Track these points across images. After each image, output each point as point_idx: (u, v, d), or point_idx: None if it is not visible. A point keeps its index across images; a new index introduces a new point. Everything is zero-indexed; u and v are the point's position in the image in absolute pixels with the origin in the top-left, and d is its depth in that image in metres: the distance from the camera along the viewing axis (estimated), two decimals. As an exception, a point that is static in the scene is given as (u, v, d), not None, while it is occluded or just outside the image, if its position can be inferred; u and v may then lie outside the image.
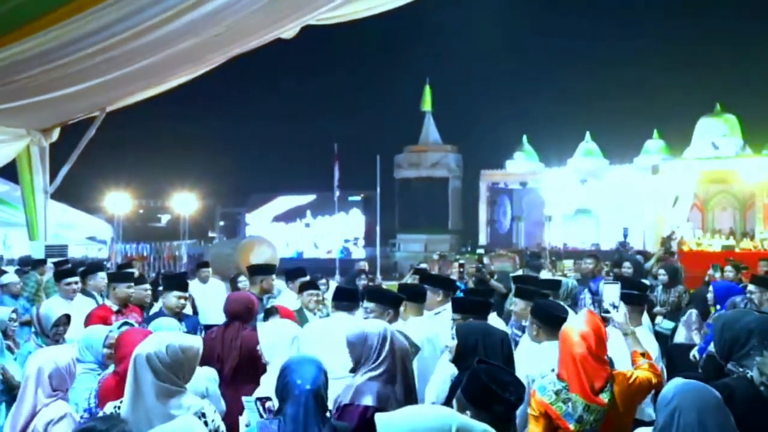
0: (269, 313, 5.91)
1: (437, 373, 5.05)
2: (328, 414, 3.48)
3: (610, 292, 4.64)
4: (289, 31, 11.27)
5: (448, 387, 4.93)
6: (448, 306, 6.07)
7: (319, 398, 3.32)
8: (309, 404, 3.26)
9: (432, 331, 5.75)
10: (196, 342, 3.70)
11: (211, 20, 9.09)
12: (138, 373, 3.43)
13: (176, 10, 8.42)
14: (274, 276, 7.82)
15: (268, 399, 3.65)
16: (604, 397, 3.72)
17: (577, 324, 4.03)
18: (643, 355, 4.15)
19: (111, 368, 4.38)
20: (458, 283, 9.51)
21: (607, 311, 4.51)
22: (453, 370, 4.93)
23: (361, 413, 4.28)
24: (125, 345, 4.20)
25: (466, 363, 4.00)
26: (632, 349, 4.29)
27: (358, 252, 34.44)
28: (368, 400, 4.29)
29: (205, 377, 4.87)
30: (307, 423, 3.23)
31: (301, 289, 7.29)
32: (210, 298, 9.29)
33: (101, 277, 7.55)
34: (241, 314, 5.69)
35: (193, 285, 10.31)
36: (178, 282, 6.69)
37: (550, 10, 28.64)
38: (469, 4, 28.81)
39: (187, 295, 6.62)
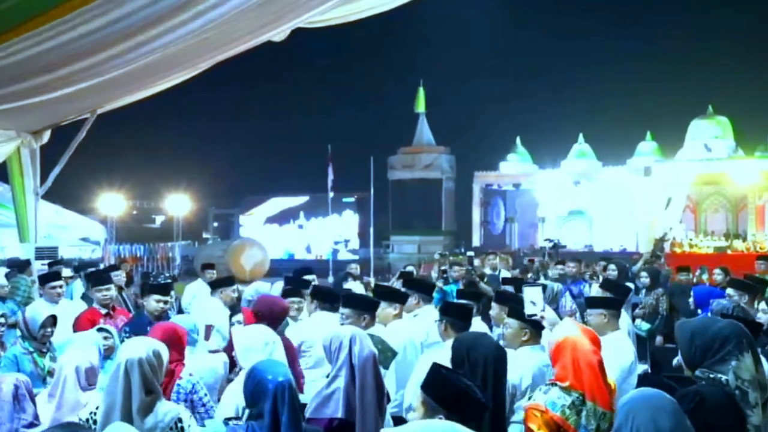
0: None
1: (415, 376, 5.08)
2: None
3: (531, 293, 4.67)
4: (279, 34, 11.30)
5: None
6: (426, 308, 6.12)
7: (293, 391, 3.32)
8: (285, 396, 3.25)
9: (412, 334, 5.79)
10: (165, 348, 3.77)
11: (201, 23, 9.12)
12: (130, 377, 3.45)
13: (167, 12, 8.45)
14: (234, 287, 7.77)
15: (237, 418, 3.66)
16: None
17: (577, 332, 4.05)
18: None
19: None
20: (454, 284, 9.59)
21: (533, 314, 4.52)
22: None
23: (326, 425, 4.34)
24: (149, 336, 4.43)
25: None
26: None
27: (348, 254, 34.41)
28: (333, 411, 4.34)
29: (222, 361, 5.06)
30: (286, 414, 3.23)
31: (284, 296, 7.31)
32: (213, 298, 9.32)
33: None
34: (267, 316, 5.74)
35: (197, 285, 10.36)
36: (158, 288, 6.73)
37: (544, 12, 28.71)
38: (462, 6, 28.83)
39: (167, 298, 6.64)
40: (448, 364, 4.31)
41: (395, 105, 35.87)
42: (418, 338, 5.73)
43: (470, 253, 11.95)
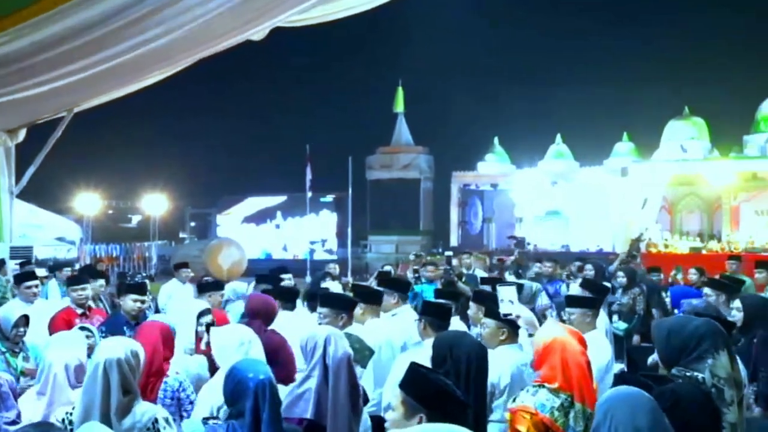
0: (201, 314, 5.87)
1: (392, 375, 5.09)
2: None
3: (506, 293, 4.69)
4: (259, 33, 11.27)
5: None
6: (404, 308, 6.12)
7: (273, 389, 3.32)
8: (266, 394, 3.26)
9: (390, 333, 5.79)
10: (141, 347, 3.76)
11: (180, 21, 9.08)
12: (109, 377, 3.42)
13: (146, 11, 8.42)
14: (222, 292, 7.78)
15: (215, 418, 3.65)
16: None
17: (564, 333, 4.05)
18: None
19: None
20: (427, 284, 9.60)
21: (508, 314, 4.54)
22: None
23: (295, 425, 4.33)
24: (146, 334, 4.54)
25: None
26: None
27: (325, 254, 34.34)
28: (302, 412, 4.34)
29: (198, 364, 5.06)
30: (267, 411, 3.23)
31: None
32: (188, 298, 9.29)
33: (99, 284, 7.67)
34: (262, 313, 5.82)
35: (172, 285, 10.33)
36: (135, 287, 6.70)
37: (522, 13, 28.79)
38: (440, 6, 28.88)
39: (144, 298, 6.61)
40: (427, 363, 4.32)
41: (374, 105, 35.89)
42: (396, 337, 5.74)
43: (448, 253, 11.99)
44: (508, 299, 4.69)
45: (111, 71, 10.51)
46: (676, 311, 7.94)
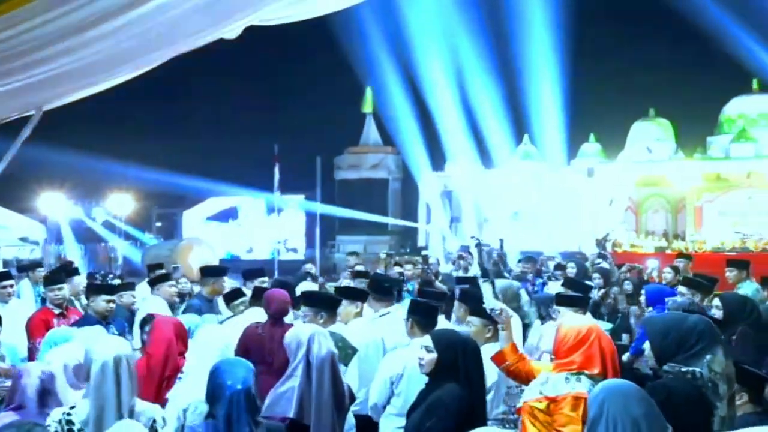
0: (145, 322, 5.74)
1: (379, 375, 5.09)
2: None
3: (486, 289, 4.75)
4: (233, 31, 11.19)
5: (389, 389, 4.98)
6: (393, 308, 6.12)
7: (250, 398, 3.34)
8: (240, 404, 3.27)
9: (375, 333, 5.79)
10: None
11: (152, 19, 8.99)
12: (120, 375, 3.37)
13: (115, 8, 8.31)
14: (225, 278, 7.82)
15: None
16: None
17: (593, 322, 4.26)
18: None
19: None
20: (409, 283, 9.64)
21: (493, 309, 4.59)
22: (394, 372, 4.97)
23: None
24: (158, 330, 4.56)
25: (447, 376, 4.01)
26: (506, 345, 4.42)
27: (289, 254, 34.17)
28: (284, 410, 4.34)
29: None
30: (240, 422, 3.24)
31: (228, 299, 7.29)
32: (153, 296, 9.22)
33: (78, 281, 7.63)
34: (284, 311, 5.85)
35: (145, 286, 10.19)
36: (106, 288, 6.67)
37: (487, 15, 28.89)
38: (409, 8, 28.91)
39: (115, 298, 6.57)
40: (414, 361, 4.33)
41: (342, 105, 35.80)
42: (385, 337, 5.74)
43: (425, 253, 12.07)
44: (492, 295, 4.73)
45: (81, 70, 10.37)
46: (650, 309, 8.01)
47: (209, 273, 7.83)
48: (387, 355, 5.44)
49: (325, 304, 5.74)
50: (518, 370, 4.43)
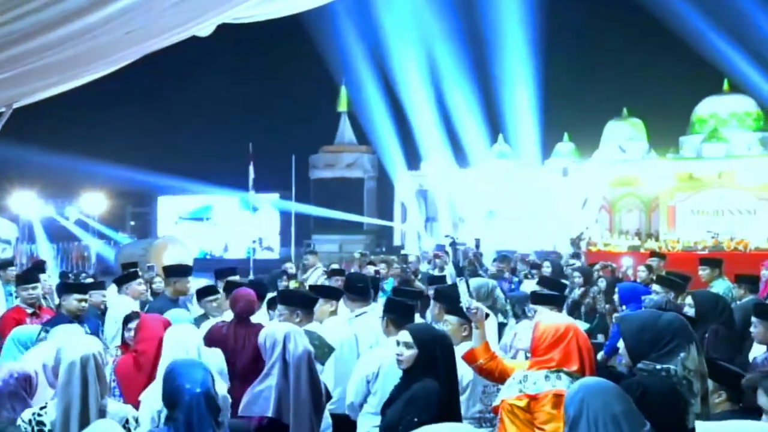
0: (129, 319, 5.74)
1: (355, 373, 5.08)
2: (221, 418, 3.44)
3: (462, 287, 4.77)
4: (205, 29, 11.11)
5: (366, 387, 4.97)
6: (369, 308, 6.11)
7: (210, 401, 3.26)
8: (201, 408, 3.19)
9: (351, 332, 5.78)
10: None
11: (124, 16, 8.90)
12: (87, 375, 3.32)
13: (88, 6, 8.22)
14: (189, 278, 7.71)
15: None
16: None
17: (570, 320, 4.32)
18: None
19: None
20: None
21: (469, 308, 4.61)
22: (370, 370, 4.96)
23: (256, 424, 4.30)
24: (148, 327, 4.49)
25: (425, 371, 4.03)
26: (479, 344, 4.43)
27: (264, 253, 34.04)
28: (262, 410, 4.32)
29: (216, 357, 4.97)
30: (201, 427, 3.18)
31: (200, 296, 7.21)
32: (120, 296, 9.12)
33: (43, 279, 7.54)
34: (252, 311, 5.83)
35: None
36: (78, 287, 6.59)
37: (462, 15, 28.94)
38: (384, 7, 28.92)
39: (87, 297, 6.50)
40: (390, 359, 4.33)
41: (317, 104, 35.73)
42: (361, 336, 5.73)
43: (405, 252, 12.07)
44: (467, 293, 4.74)
45: (52, 67, 10.25)
46: (624, 308, 8.06)
47: (172, 273, 7.67)
48: (365, 353, 5.44)
49: (301, 303, 5.71)
50: (490, 369, 4.43)
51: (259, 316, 6.91)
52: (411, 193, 32.95)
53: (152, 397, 4.08)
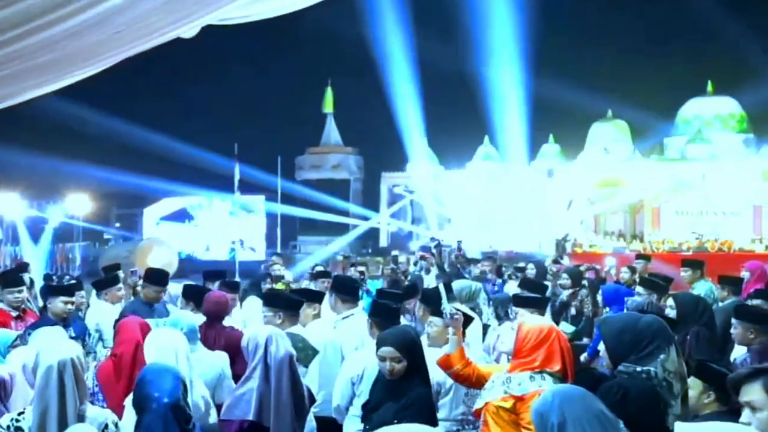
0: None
1: (340, 376, 5.08)
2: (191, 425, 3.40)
3: (441, 291, 4.80)
4: (190, 30, 11.08)
5: (351, 390, 4.97)
6: (356, 310, 6.11)
7: (178, 411, 3.23)
8: (168, 418, 3.17)
9: (335, 335, 5.78)
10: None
11: (109, 18, 8.86)
12: (64, 379, 3.29)
13: (72, 8, 8.18)
14: (161, 288, 7.48)
15: None
16: None
17: (552, 322, 4.36)
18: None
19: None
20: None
21: (452, 312, 4.62)
22: (354, 373, 4.97)
23: (237, 427, 4.30)
24: (125, 330, 4.51)
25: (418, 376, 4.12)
26: (455, 350, 4.44)
27: (246, 254, 33.86)
28: (243, 413, 4.32)
29: (221, 359, 5.09)
30: None
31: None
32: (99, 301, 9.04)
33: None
34: (221, 313, 5.85)
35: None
36: (64, 289, 6.53)
37: (449, 16, 29.02)
38: (369, 8, 28.94)
39: (73, 300, 6.43)
40: (374, 362, 4.35)
41: (303, 105, 35.71)
42: (344, 338, 5.73)
43: (395, 252, 12.06)
44: (443, 298, 4.77)
45: (35, 68, 10.18)
46: (607, 309, 8.12)
47: (146, 277, 7.47)
48: (350, 355, 5.44)
49: (284, 305, 5.69)
50: (467, 375, 4.44)
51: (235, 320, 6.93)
52: (397, 194, 32.98)
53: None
